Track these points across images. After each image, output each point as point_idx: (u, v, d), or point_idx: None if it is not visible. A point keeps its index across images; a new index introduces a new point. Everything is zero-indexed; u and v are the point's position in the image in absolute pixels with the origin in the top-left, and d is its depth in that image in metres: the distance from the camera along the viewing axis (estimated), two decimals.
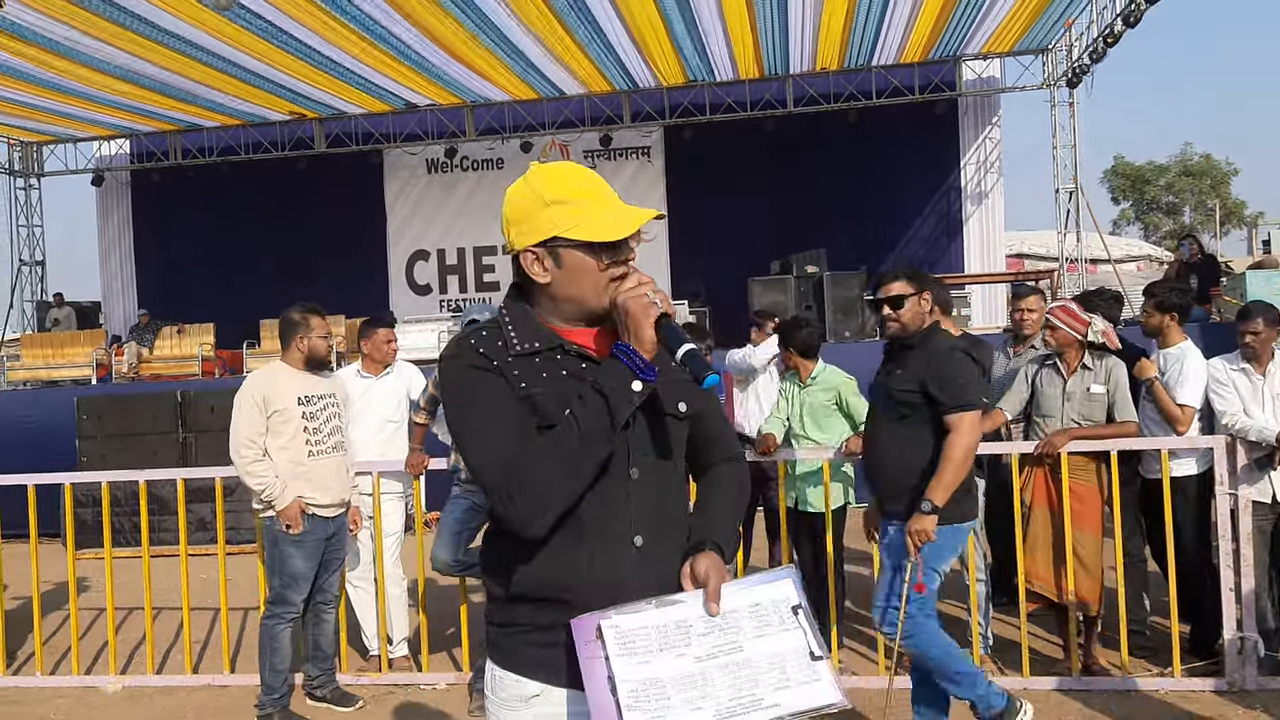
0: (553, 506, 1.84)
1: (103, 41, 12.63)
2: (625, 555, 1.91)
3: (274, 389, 4.95)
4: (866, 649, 5.59)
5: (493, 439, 1.87)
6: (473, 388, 1.92)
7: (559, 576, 1.89)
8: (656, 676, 1.78)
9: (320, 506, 4.99)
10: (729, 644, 1.82)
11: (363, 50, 13.57)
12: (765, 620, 1.86)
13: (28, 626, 6.17)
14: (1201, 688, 4.91)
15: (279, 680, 5.00)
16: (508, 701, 1.95)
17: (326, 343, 5.11)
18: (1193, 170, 47.94)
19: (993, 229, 16.79)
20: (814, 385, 5.72)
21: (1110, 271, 18.80)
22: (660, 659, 1.79)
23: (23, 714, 5.40)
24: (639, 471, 1.94)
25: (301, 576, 4.99)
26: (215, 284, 17.81)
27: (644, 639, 1.81)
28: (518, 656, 1.94)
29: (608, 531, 1.91)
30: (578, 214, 1.91)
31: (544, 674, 1.91)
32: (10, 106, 15.65)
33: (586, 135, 16.92)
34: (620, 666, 1.77)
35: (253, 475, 4.86)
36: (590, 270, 1.91)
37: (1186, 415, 5.19)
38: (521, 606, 1.94)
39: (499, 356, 1.92)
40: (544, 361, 1.93)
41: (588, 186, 1.95)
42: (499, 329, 1.97)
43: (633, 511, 1.93)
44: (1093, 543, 5.01)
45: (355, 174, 17.63)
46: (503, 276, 17.76)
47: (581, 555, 1.89)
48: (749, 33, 14.02)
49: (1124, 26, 12.81)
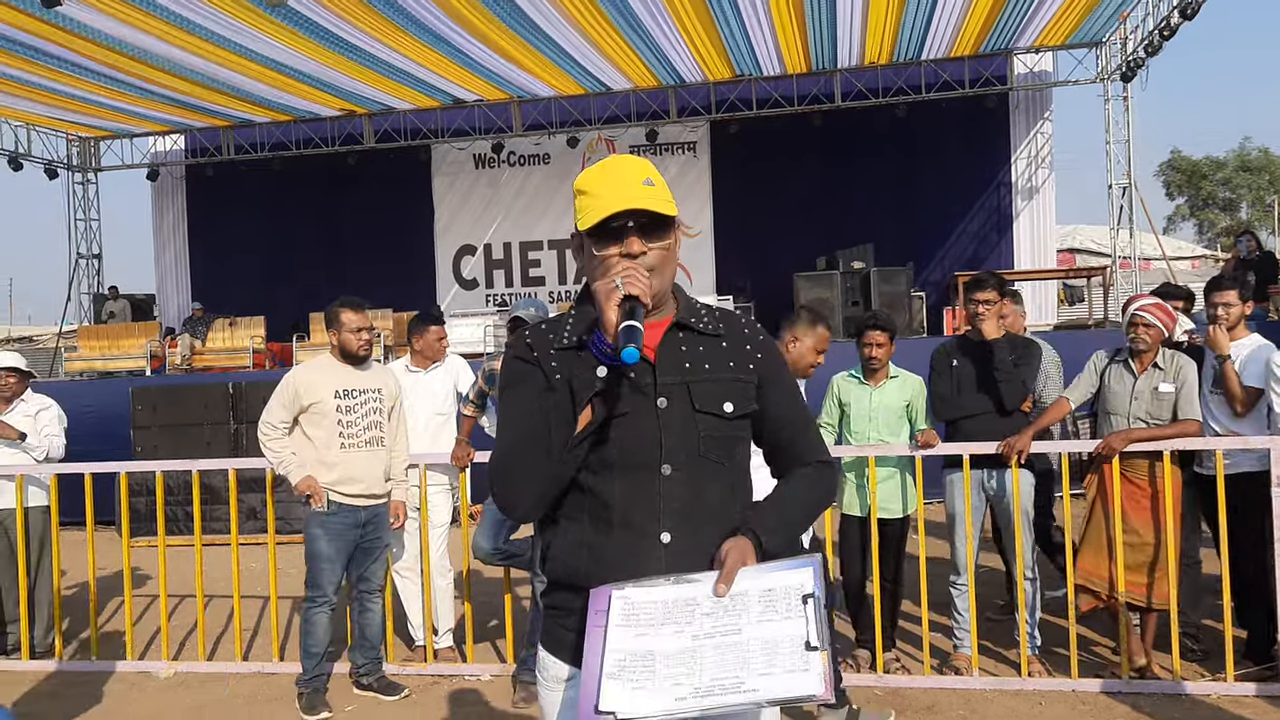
0: (526, 491, 1.94)
1: (157, 38, 12.82)
2: (651, 550, 1.92)
3: (311, 382, 5.13)
4: (914, 649, 5.55)
5: (506, 428, 2.00)
6: (510, 380, 2.03)
7: (586, 566, 1.94)
8: (649, 649, 1.79)
9: (348, 495, 5.08)
10: (729, 625, 1.82)
11: (410, 47, 13.66)
12: (773, 606, 1.84)
13: (84, 612, 6.30)
14: (1255, 693, 4.82)
15: (311, 663, 5.14)
16: (548, 682, 2.02)
17: (359, 338, 5.16)
18: (1251, 165, 46.86)
19: (1043, 225, 16.55)
20: (888, 386, 5.40)
21: (1163, 269, 18.47)
22: (659, 633, 1.81)
23: (78, 696, 5.52)
24: (671, 468, 1.93)
25: (327, 560, 5.08)
26: (266, 277, 18.04)
27: (649, 613, 1.83)
28: (557, 639, 2.00)
29: (633, 525, 1.93)
30: (586, 204, 1.96)
31: (577, 658, 1.92)
32: (69, 102, 15.96)
33: (632, 130, 16.91)
34: (615, 636, 1.80)
35: (269, 451, 5.09)
36: (593, 258, 1.96)
37: (1250, 397, 5.11)
38: (560, 593, 2.00)
39: (542, 349, 1.98)
40: (587, 354, 1.94)
41: (609, 178, 1.95)
42: (560, 322, 2.03)
43: (661, 508, 1.93)
44: (1151, 540, 4.94)
45: (403, 169, 17.76)
46: (547, 271, 17.84)
47: (608, 546, 1.93)
48: (797, 27, 13.91)
49: (1180, 19, 12.55)
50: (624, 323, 1.80)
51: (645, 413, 1.94)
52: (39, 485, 6.28)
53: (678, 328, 2.02)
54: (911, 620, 5.90)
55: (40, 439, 6.33)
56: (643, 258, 1.92)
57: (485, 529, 5.33)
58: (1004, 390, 5.13)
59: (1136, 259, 15.81)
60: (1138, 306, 5.08)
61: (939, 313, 14.57)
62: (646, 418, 1.93)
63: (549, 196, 17.76)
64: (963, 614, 5.28)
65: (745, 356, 2.05)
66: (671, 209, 1.95)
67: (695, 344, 2.01)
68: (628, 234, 1.92)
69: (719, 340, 2.04)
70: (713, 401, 1.98)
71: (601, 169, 1.98)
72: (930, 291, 15.43)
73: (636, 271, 1.87)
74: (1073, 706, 4.80)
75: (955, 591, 5.32)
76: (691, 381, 1.97)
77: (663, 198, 1.94)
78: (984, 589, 5.90)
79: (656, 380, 1.95)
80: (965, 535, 5.27)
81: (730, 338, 2.06)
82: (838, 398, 5.50)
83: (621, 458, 1.93)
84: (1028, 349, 5.27)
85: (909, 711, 4.84)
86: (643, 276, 1.87)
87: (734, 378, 2.01)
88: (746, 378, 2.03)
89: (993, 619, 6.07)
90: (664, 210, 1.93)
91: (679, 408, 1.95)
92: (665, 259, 1.96)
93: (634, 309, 1.82)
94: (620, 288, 1.84)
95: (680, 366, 1.98)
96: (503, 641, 5.89)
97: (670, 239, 1.97)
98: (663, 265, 1.95)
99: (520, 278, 18.03)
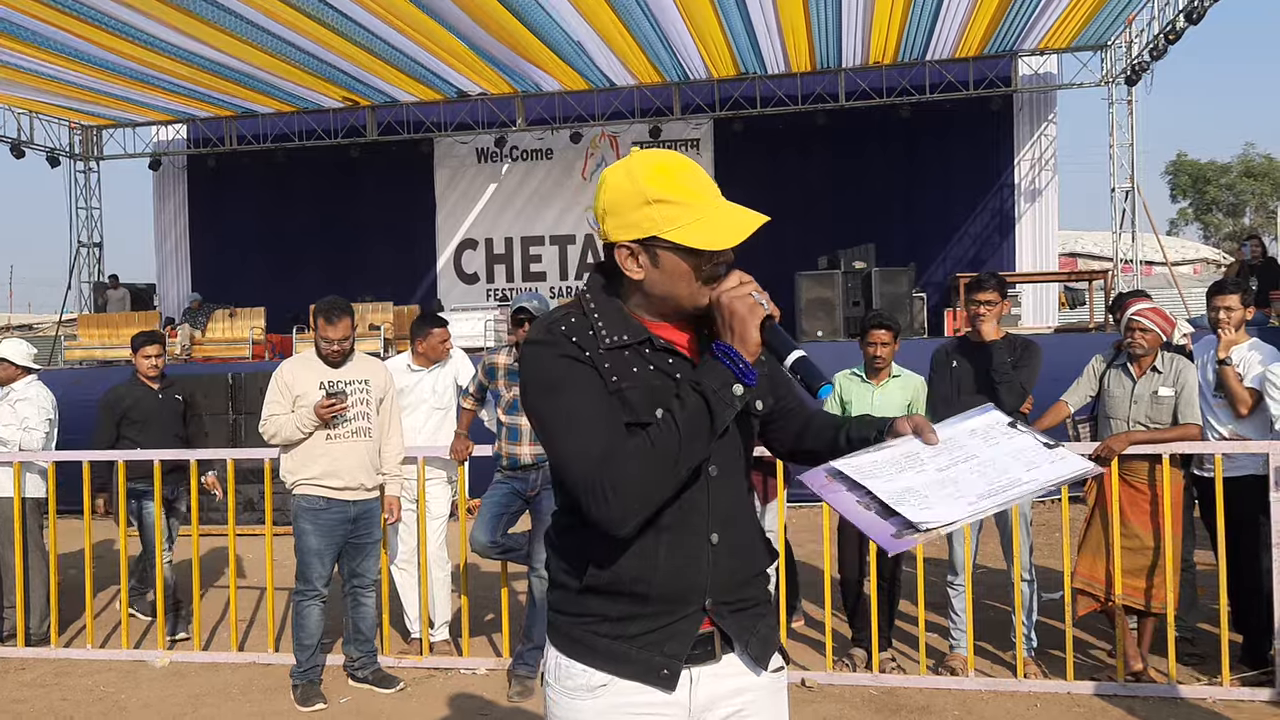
0: (647, 507, 1.80)
1: (160, 22, 12.78)
2: (702, 551, 1.89)
3: (299, 374, 5.15)
4: (910, 649, 5.55)
5: (585, 433, 1.80)
6: (565, 377, 1.85)
7: (635, 571, 1.86)
8: (909, 485, 1.79)
9: (335, 490, 5.08)
10: (965, 455, 1.85)
11: (415, 28, 13.53)
12: (989, 437, 1.89)
13: (80, 600, 6.30)
14: (1251, 698, 4.81)
15: (305, 656, 5.16)
16: (573, 691, 1.92)
17: (330, 346, 5.12)
18: (1255, 171, 46.83)
19: (1046, 227, 16.55)
20: (891, 386, 5.45)
21: (1165, 273, 18.46)
22: (904, 477, 1.82)
23: (73, 685, 5.52)
24: (717, 470, 1.91)
25: (315, 555, 5.09)
26: (267, 268, 18.04)
27: (881, 467, 1.85)
28: (586, 647, 1.91)
29: (686, 528, 1.88)
30: (681, 216, 1.82)
31: (613, 665, 1.88)
32: (71, 89, 15.94)
33: (636, 127, 16.90)
34: (873, 485, 1.80)
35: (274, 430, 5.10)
36: (689, 273, 1.85)
37: (1255, 398, 5.12)
38: (593, 598, 1.90)
39: (591, 347, 1.86)
40: (633, 355, 1.87)
41: (694, 185, 1.85)
42: (585, 318, 1.91)
43: (710, 509, 1.90)
44: (1150, 543, 4.94)
45: (406, 162, 17.75)
46: (549, 266, 17.83)
47: (660, 551, 1.86)
48: (802, 25, 13.91)
49: (1186, 23, 12.53)
50: (794, 354, 1.77)
51: None
52: (37, 474, 6.27)
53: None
54: (908, 620, 5.90)
55: (11, 431, 6.26)
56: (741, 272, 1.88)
57: (484, 523, 5.32)
58: (1002, 392, 5.12)
59: (1138, 263, 15.79)
60: (1135, 311, 5.04)
61: (940, 314, 14.56)
62: None
63: (551, 192, 17.76)
64: (959, 614, 5.28)
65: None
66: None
67: None
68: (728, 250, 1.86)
69: None
70: (753, 401, 1.97)
71: (675, 173, 1.86)
72: (932, 292, 15.41)
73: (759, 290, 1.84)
74: (1068, 709, 4.80)
75: (952, 592, 5.32)
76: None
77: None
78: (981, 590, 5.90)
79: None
80: (963, 535, 5.26)
81: None
82: (840, 396, 5.50)
83: None
84: (1027, 351, 5.26)
85: (904, 711, 4.83)
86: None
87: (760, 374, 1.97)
88: (763, 372, 2.00)
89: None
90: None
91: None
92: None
93: (781, 333, 1.81)
94: (765, 306, 1.80)
95: None
96: (499, 635, 5.89)
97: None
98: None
99: (521, 273, 18.02)
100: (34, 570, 6.19)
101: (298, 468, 5.10)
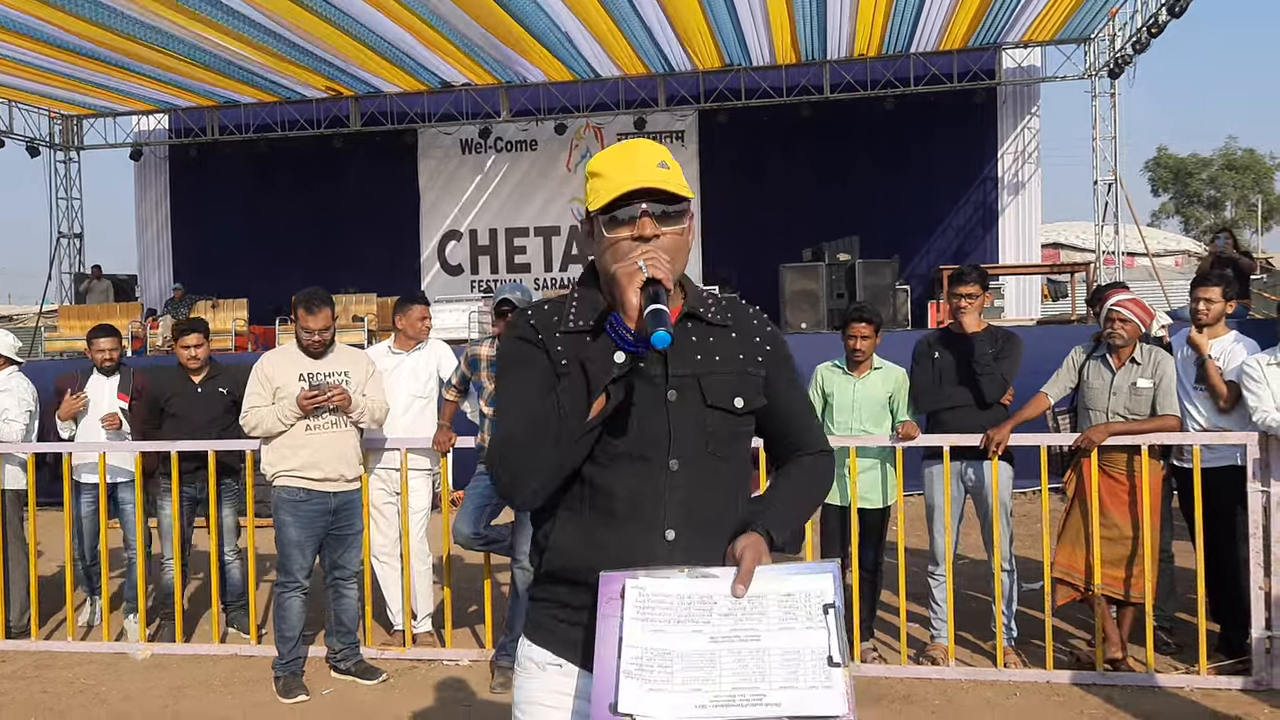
0: (531, 479, 1.85)
1: (141, 8, 12.64)
2: (655, 546, 1.87)
3: (278, 366, 5.15)
4: (892, 639, 5.58)
5: (508, 412, 1.92)
6: (512, 360, 1.96)
7: (586, 559, 1.87)
8: (666, 648, 1.73)
9: (315, 481, 5.07)
10: (748, 630, 1.75)
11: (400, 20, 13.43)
12: (793, 613, 1.77)
13: (60, 592, 6.27)
14: (1227, 686, 4.86)
15: (286, 647, 5.16)
16: (529, 671, 1.96)
17: (310, 337, 5.11)
18: (1236, 164, 47.17)
19: (1029, 220, 16.60)
20: (872, 378, 5.45)
21: (1147, 265, 18.56)
22: (675, 631, 1.75)
23: (53, 678, 5.50)
24: (679, 464, 1.88)
25: (296, 546, 5.08)
26: (249, 259, 17.91)
27: (664, 607, 1.77)
28: (544, 630, 1.95)
29: (638, 520, 1.87)
30: (600, 185, 1.90)
31: (566, 650, 1.91)
32: (51, 78, 15.79)
33: (621, 118, 16.86)
34: (632, 631, 1.75)
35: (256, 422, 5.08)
36: (610, 245, 1.89)
37: (1235, 392, 5.16)
38: (555, 585, 1.94)
39: (547, 331, 1.93)
40: (593, 338, 1.89)
41: (623, 160, 1.91)
42: (562, 304, 1.98)
43: (667, 503, 1.88)
44: (1129, 534, 4.98)
45: (389, 153, 17.67)
46: (533, 258, 17.79)
47: (611, 541, 1.87)
48: (787, 17, 13.90)
49: (1169, 16, 12.59)
50: (650, 306, 1.75)
51: (654, 405, 1.88)
52: (16, 466, 6.23)
53: (687, 318, 1.96)
54: (890, 610, 5.93)
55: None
56: (657, 241, 1.86)
57: (467, 514, 5.32)
58: (984, 383, 5.15)
59: (1120, 255, 15.87)
60: (1115, 302, 5.07)
61: (924, 306, 14.60)
62: (655, 410, 1.88)
63: (536, 183, 17.70)
64: (940, 604, 5.31)
65: (754, 349, 2.01)
66: (686, 191, 1.91)
67: (705, 335, 1.96)
68: (641, 216, 1.87)
69: (728, 331, 1.99)
70: (724, 396, 1.93)
71: (617, 151, 1.95)
72: (915, 284, 15.45)
73: (658, 255, 1.82)
74: (1047, 698, 4.84)
75: (933, 582, 5.35)
76: (703, 375, 1.91)
77: (677, 180, 1.89)
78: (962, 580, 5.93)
79: (668, 372, 1.90)
80: (944, 526, 5.29)
81: (739, 329, 2.01)
82: (821, 388, 5.52)
83: (628, 450, 1.87)
84: (1008, 342, 5.29)
85: (885, 701, 4.86)
86: (664, 260, 1.82)
87: (744, 370, 1.96)
88: (755, 371, 1.99)
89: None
90: (679, 191, 1.89)
91: (690, 401, 1.90)
92: (679, 246, 1.91)
93: (657, 293, 1.76)
94: (643, 270, 1.78)
95: (692, 359, 1.92)
96: (482, 627, 5.89)
97: (684, 225, 1.92)
98: (676, 252, 1.90)
99: (506, 264, 17.96)
100: (14, 562, 6.16)
101: (278, 460, 5.09)
